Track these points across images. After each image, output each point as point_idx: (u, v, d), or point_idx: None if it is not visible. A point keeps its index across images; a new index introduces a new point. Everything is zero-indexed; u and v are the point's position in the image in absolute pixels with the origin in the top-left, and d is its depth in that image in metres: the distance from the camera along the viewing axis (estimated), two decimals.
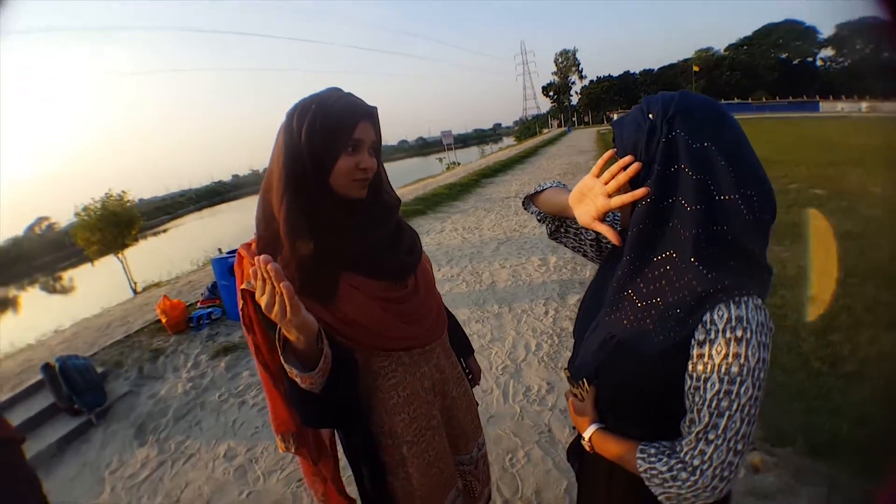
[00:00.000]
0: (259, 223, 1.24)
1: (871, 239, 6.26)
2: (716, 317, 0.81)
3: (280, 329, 1.02)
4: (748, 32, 72.30)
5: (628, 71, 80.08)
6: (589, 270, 5.78)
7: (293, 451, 1.50)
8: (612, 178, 0.92)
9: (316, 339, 1.05)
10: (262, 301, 0.96)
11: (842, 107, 51.21)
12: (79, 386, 4.02)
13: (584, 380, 1.06)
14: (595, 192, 0.96)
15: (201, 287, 6.65)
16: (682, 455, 0.87)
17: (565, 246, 1.35)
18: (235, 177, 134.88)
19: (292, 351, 1.06)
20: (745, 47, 70.40)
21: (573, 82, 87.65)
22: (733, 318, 0.80)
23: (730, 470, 0.83)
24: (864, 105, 49.91)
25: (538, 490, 2.63)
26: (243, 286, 1.19)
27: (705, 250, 0.84)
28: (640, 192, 0.87)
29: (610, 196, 0.93)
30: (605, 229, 0.97)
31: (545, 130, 65.71)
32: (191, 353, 4.87)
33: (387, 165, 1.39)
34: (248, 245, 1.28)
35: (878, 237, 6.36)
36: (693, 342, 0.84)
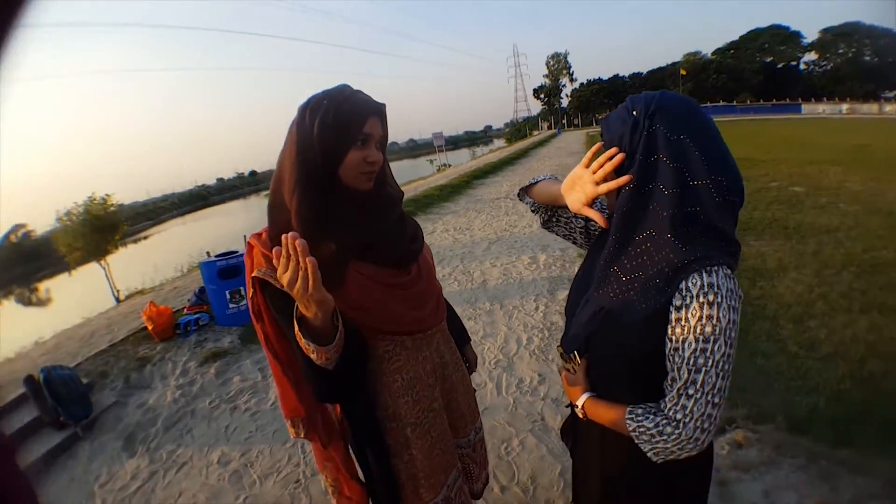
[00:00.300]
0: (271, 213, 1.31)
1: (847, 232, 6.58)
2: (690, 284, 0.94)
3: (296, 308, 1.09)
4: (735, 37, 74.21)
5: (617, 74, 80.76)
6: (577, 267, 5.92)
7: (303, 436, 1.58)
8: (600, 167, 1.05)
9: (332, 316, 1.11)
10: (285, 278, 1.02)
11: (823, 109, 52.56)
12: (64, 398, 3.89)
13: (576, 353, 1.17)
14: (584, 180, 1.10)
15: (187, 293, 6.58)
16: (666, 411, 0.99)
17: (557, 235, 1.50)
18: (220, 181, 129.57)
19: (308, 328, 1.11)
20: (732, 51, 71.83)
21: (564, 85, 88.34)
22: (705, 284, 0.93)
23: (709, 422, 0.95)
24: (844, 107, 51.48)
25: (533, 475, 2.76)
26: (254, 274, 1.25)
27: (681, 228, 0.96)
28: (623, 179, 1.01)
29: (598, 184, 1.07)
30: (593, 214, 1.11)
31: (535, 132, 65.93)
32: (179, 361, 4.81)
33: None
34: (259, 235, 1.34)
35: (853, 230, 6.67)
36: (671, 308, 0.96)
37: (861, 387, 3.26)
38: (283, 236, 1.01)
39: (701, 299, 0.93)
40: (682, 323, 0.95)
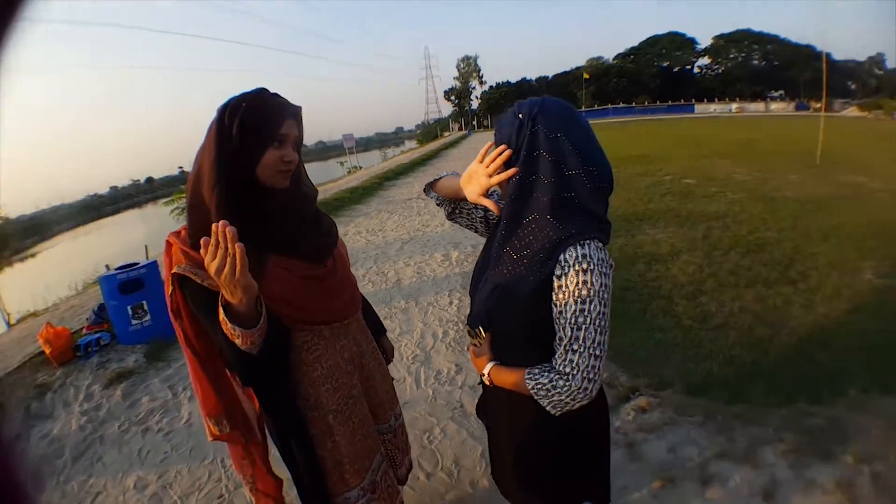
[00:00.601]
0: (190, 212, 1.35)
1: (734, 217, 7.28)
2: (567, 256, 1.10)
3: (221, 296, 1.16)
4: (636, 43, 79.07)
5: (525, 78, 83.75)
6: None
7: (227, 430, 1.63)
8: (492, 161, 1.22)
9: (256, 302, 1.19)
10: (213, 265, 1.08)
11: (714, 108, 57.68)
12: None
13: (480, 328, 1.32)
14: (479, 174, 1.26)
15: (85, 311, 6.11)
16: (557, 367, 1.14)
17: (461, 225, 1.63)
18: (114, 189, 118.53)
19: (233, 314, 1.18)
20: (632, 56, 76.79)
21: (474, 87, 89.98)
22: (579, 255, 1.09)
23: (594, 372, 1.11)
24: (733, 106, 56.83)
25: (457, 459, 2.87)
26: (174, 270, 1.31)
27: (559, 210, 1.13)
28: (510, 171, 1.18)
29: (490, 176, 1.24)
30: (488, 202, 1.28)
31: (446, 134, 66.74)
32: (82, 385, 4.48)
33: None
34: (178, 233, 1.39)
35: (739, 215, 7.40)
36: (554, 278, 1.12)
37: (750, 350, 3.65)
38: (214, 224, 1.07)
39: (576, 267, 1.09)
40: (563, 289, 1.11)
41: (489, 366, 1.30)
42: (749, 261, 5.42)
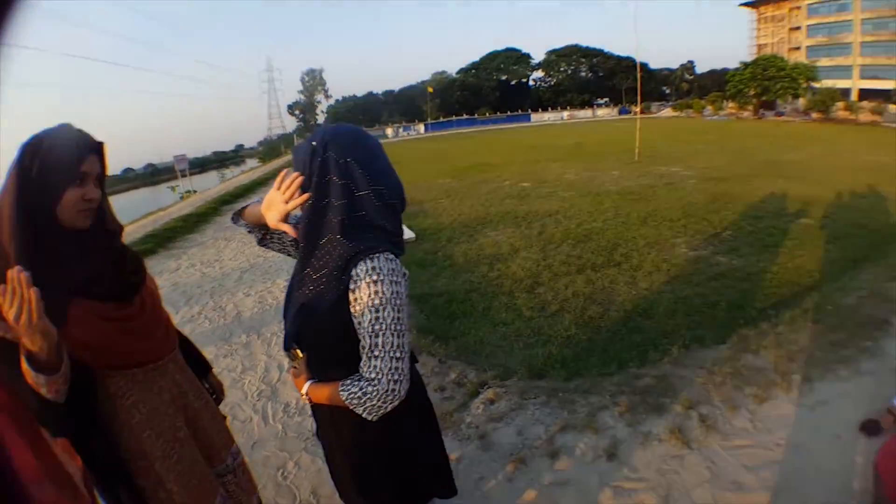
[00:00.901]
0: None
1: (564, 213, 7.94)
2: (359, 270, 1.17)
3: (22, 344, 1.12)
4: (476, 58, 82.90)
5: (372, 91, 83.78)
6: None
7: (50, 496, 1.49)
8: (287, 188, 1.25)
9: (56, 347, 1.15)
10: (11, 313, 1.05)
11: (548, 117, 62.60)
12: None
13: (296, 349, 1.35)
14: (277, 200, 1.29)
15: None
16: (364, 374, 1.21)
17: (274, 250, 1.65)
18: None
19: (34, 362, 1.14)
20: (474, 71, 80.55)
21: (319, 101, 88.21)
22: (369, 268, 1.17)
23: (398, 374, 1.19)
24: (565, 114, 62.48)
25: (314, 490, 2.77)
26: None
27: (349, 229, 1.20)
28: (304, 196, 1.23)
29: (287, 202, 1.27)
30: (286, 227, 1.30)
31: (290, 150, 65.70)
32: None
33: (110, 199, 1.50)
34: None
35: (570, 211, 8.10)
36: (349, 292, 1.19)
37: (584, 329, 3.98)
38: (9, 271, 1.05)
39: (367, 279, 1.17)
40: (358, 301, 1.18)
41: (307, 385, 1.34)
42: (579, 250, 5.94)
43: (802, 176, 10.48)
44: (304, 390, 1.34)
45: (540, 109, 66.23)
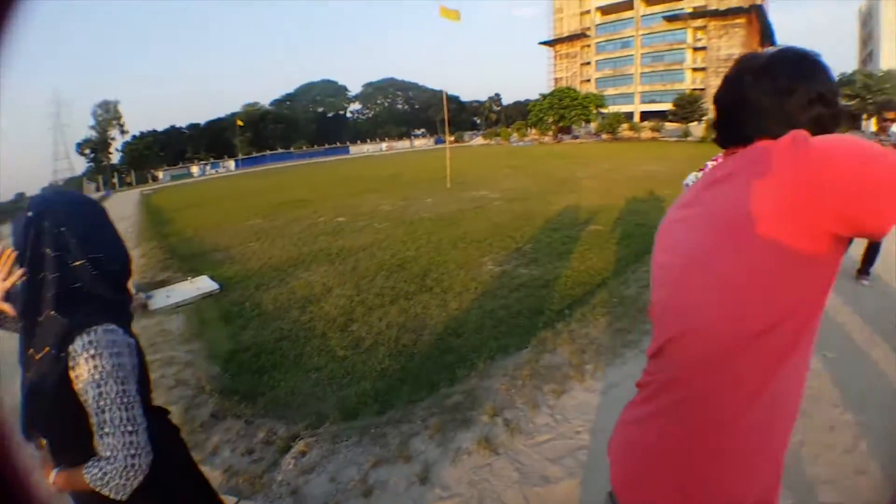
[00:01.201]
0: None
1: (379, 245, 8.06)
2: (76, 346, 1.13)
3: None
4: (291, 89, 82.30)
5: (174, 125, 77.11)
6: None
7: None
8: (2, 265, 1.23)
9: None
10: None
11: (367, 148, 64.24)
12: None
13: (39, 437, 1.26)
14: None
15: None
16: (102, 454, 1.15)
17: (10, 331, 1.50)
18: None
19: None
20: (289, 102, 79.88)
21: (114, 138, 79.11)
22: (86, 342, 1.13)
23: (135, 448, 1.14)
24: (384, 145, 64.91)
25: None
26: None
27: (63, 304, 1.17)
28: (17, 274, 1.21)
29: (3, 280, 1.25)
30: (5, 307, 1.30)
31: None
32: None
33: None
34: None
35: (384, 242, 8.25)
36: (69, 370, 1.14)
37: (397, 359, 4.04)
38: None
39: (85, 355, 1.13)
40: (80, 378, 1.14)
41: (53, 473, 1.24)
42: (392, 280, 6.05)
43: (593, 189, 11.92)
44: (50, 479, 1.24)
45: (359, 141, 67.90)
